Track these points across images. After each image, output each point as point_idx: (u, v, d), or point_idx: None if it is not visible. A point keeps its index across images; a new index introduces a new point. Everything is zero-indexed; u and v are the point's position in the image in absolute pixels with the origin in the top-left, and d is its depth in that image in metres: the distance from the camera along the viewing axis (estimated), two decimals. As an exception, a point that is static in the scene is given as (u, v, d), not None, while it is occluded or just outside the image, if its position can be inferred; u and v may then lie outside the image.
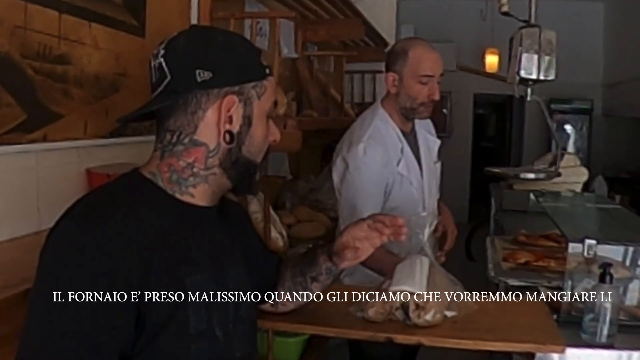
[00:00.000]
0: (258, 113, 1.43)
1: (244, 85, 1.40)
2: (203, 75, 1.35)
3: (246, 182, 1.49)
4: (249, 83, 1.41)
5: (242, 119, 1.41)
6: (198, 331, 1.33)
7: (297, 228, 3.49)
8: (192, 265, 1.35)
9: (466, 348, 1.99)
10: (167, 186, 1.39)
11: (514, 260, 2.98)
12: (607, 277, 2.02)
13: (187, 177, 1.40)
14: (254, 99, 1.42)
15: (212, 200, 1.46)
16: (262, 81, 1.44)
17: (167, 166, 1.40)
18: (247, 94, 1.41)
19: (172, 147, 1.39)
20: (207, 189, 1.43)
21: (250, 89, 1.41)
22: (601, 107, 10.94)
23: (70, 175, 2.14)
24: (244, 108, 1.41)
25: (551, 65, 2.53)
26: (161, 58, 1.37)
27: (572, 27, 9.32)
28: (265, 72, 1.45)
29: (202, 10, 2.68)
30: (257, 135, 1.45)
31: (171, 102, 1.37)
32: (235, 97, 1.38)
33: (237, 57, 1.41)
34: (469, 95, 11.70)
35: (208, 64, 1.36)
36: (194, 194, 1.41)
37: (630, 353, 2.03)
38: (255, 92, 1.42)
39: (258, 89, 1.43)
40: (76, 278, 1.18)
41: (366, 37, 4.97)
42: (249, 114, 1.42)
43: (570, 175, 4.55)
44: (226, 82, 1.38)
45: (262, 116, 1.45)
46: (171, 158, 1.40)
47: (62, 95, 2.03)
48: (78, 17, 2.08)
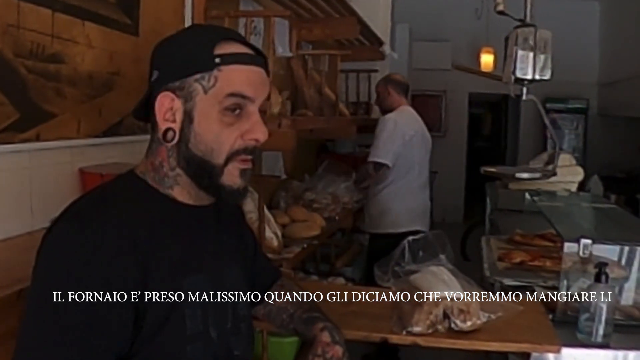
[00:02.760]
0: (204, 107, 1.34)
1: (186, 80, 1.33)
2: (154, 75, 1.36)
3: (205, 184, 1.39)
4: (191, 77, 1.33)
5: (183, 115, 1.35)
6: (193, 332, 1.32)
7: (292, 228, 3.48)
8: (189, 266, 1.35)
9: (462, 348, 1.99)
10: (155, 185, 1.39)
11: (509, 260, 2.97)
12: (602, 277, 2.02)
13: (163, 177, 1.39)
14: (196, 93, 1.33)
15: (198, 200, 1.43)
16: (211, 72, 1.33)
17: (150, 165, 1.40)
18: (189, 89, 1.34)
19: (150, 145, 1.42)
20: (182, 190, 1.40)
21: (193, 82, 1.33)
22: (597, 106, 10.98)
23: (63, 175, 2.13)
24: (185, 104, 1.34)
25: (547, 64, 2.53)
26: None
27: (568, 27, 9.33)
28: (215, 62, 1.33)
29: (196, 9, 2.68)
30: (204, 131, 1.35)
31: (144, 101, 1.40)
32: (171, 94, 1.34)
33: (180, 52, 1.36)
34: (464, 95, 11.71)
35: (157, 62, 1.38)
36: (175, 195, 1.40)
37: (626, 353, 2.03)
38: (200, 86, 1.33)
39: (204, 81, 1.33)
40: (73, 280, 1.17)
41: (361, 36, 4.96)
42: (190, 109, 1.34)
43: (565, 174, 4.55)
44: (168, 79, 1.35)
45: (212, 110, 1.34)
46: (150, 157, 1.41)
47: (55, 94, 2.02)
48: (71, 16, 2.07)
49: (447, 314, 2.00)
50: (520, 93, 2.66)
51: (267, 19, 3.24)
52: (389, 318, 2.09)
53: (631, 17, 9.26)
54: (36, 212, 1.98)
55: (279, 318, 1.81)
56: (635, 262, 2.21)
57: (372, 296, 2.13)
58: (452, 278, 2.14)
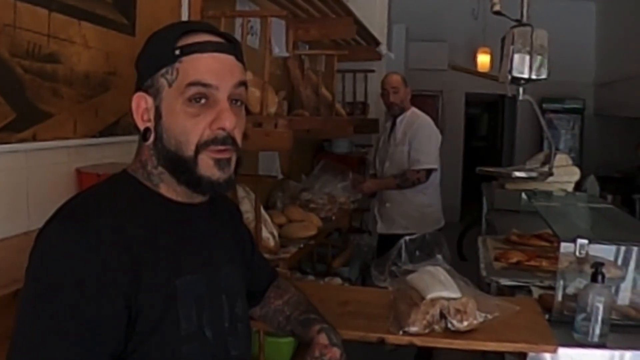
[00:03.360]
0: (170, 101, 1.33)
1: (154, 76, 1.33)
2: (135, 77, 1.37)
3: (185, 179, 1.36)
4: (158, 72, 1.33)
5: (155, 112, 1.35)
6: (188, 332, 1.31)
7: (288, 228, 3.48)
8: (183, 265, 1.34)
9: (458, 348, 1.99)
10: (146, 183, 1.39)
11: (506, 260, 2.98)
12: (599, 277, 2.02)
13: (149, 176, 1.39)
14: (163, 87, 1.33)
15: (187, 197, 1.41)
16: (173, 65, 1.32)
17: (139, 163, 1.40)
18: (157, 85, 1.33)
19: (137, 145, 1.42)
20: (168, 187, 1.39)
21: (160, 77, 1.33)
22: (593, 106, 10.98)
23: (60, 175, 2.12)
24: (155, 100, 1.34)
25: (543, 64, 2.53)
26: None
27: (564, 27, 9.33)
28: (175, 54, 1.32)
29: (192, 9, 2.67)
30: (172, 124, 1.33)
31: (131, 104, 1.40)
32: (143, 93, 1.35)
33: (150, 50, 1.37)
34: (461, 95, 11.72)
35: (137, 64, 1.39)
36: (163, 193, 1.39)
37: (623, 352, 2.03)
38: (165, 80, 1.33)
39: (168, 75, 1.32)
40: (66, 281, 1.16)
41: (358, 36, 4.96)
42: (158, 104, 1.34)
43: (562, 174, 4.56)
44: (142, 78, 1.36)
45: (177, 102, 1.32)
46: (139, 156, 1.41)
47: (51, 94, 2.02)
48: (68, 16, 2.07)
49: (443, 314, 2.00)
50: (517, 93, 2.67)
51: (263, 19, 3.24)
52: (386, 318, 2.09)
53: (627, 17, 9.27)
54: (33, 212, 1.97)
55: (276, 320, 1.81)
56: (632, 262, 2.21)
57: (369, 296, 2.12)
58: (448, 278, 2.14)
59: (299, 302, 1.82)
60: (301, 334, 1.72)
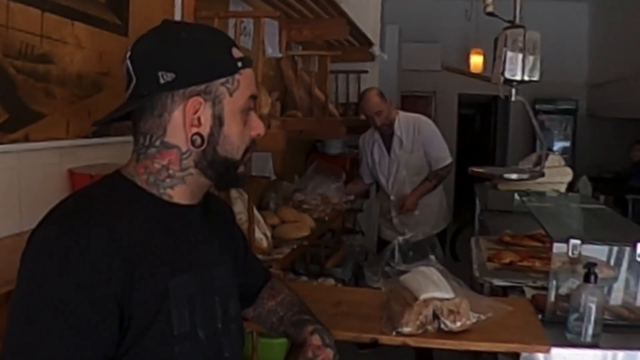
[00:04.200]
0: (231, 110, 1.37)
1: (211, 83, 1.35)
2: (166, 77, 1.32)
3: (227, 179, 1.44)
4: (217, 80, 1.35)
5: (212, 119, 1.36)
6: (181, 333, 1.31)
7: (281, 229, 3.48)
8: (176, 266, 1.34)
9: (452, 349, 2.00)
10: (145, 187, 1.37)
11: (498, 261, 2.98)
12: (591, 277, 2.03)
13: (164, 179, 1.38)
14: (224, 96, 1.36)
15: (193, 199, 1.44)
16: (234, 75, 1.38)
17: (143, 168, 1.38)
18: (216, 92, 1.35)
19: (145, 150, 1.38)
20: (186, 189, 1.40)
21: (219, 86, 1.36)
22: (585, 107, 11.02)
23: (52, 176, 2.12)
24: (213, 107, 1.36)
25: (535, 65, 2.53)
26: (128, 60, 1.36)
27: (557, 28, 9.37)
28: (237, 66, 1.38)
29: (186, 9, 2.67)
30: (231, 133, 1.39)
31: (139, 106, 1.35)
32: (201, 98, 1.34)
33: (201, 54, 1.36)
34: (454, 95, 11.73)
35: (170, 64, 1.32)
36: (172, 195, 1.39)
37: (615, 352, 2.04)
38: (225, 89, 1.36)
39: (229, 84, 1.36)
40: (58, 283, 1.16)
41: (351, 37, 4.96)
42: (220, 113, 1.36)
43: (554, 175, 4.57)
44: (190, 82, 1.33)
45: (237, 112, 1.39)
46: (146, 160, 1.38)
47: (44, 94, 2.01)
48: (61, 16, 2.06)
49: (436, 314, 2.00)
50: (509, 94, 2.67)
51: (256, 20, 3.24)
52: (379, 319, 2.09)
53: (619, 18, 9.31)
54: (25, 213, 1.97)
55: (269, 321, 1.81)
56: (624, 262, 2.22)
57: (362, 297, 2.13)
58: (441, 278, 2.15)
59: (293, 303, 1.83)
60: (294, 334, 1.72)
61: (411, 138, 4.74)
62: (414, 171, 4.79)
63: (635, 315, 2.22)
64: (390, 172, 4.88)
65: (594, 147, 10.62)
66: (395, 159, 4.82)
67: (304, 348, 1.64)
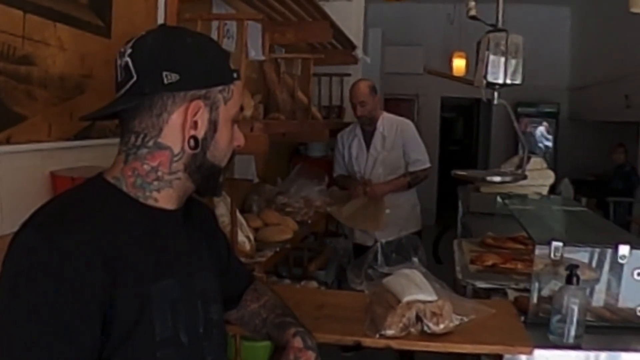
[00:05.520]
0: (224, 118, 1.41)
1: (211, 90, 1.38)
2: (170, 78, 1.33)
3: (210, 186, 1.47)
4: (216, 87, 1.39)
5: (208, 124, 1.39)
6: (163, 338, 1.31)
7: (264, 232, 3.48)
8: (158, 271, 1.33)
9: (435, 351, 2.00)
10: (130, 191, 1.37)
11: (481, 263, 3.00)
12: (573, 279, 2.04)
13: (152, 182, 1.38)
14: (220, 103, 1.40)
15: (177, 204, 1.44)
16: (230, 85, 1.42)
17: (131, 170, 1.37)
18: (214, 99, 1.39)
19: (136, 150, 1.37)
20: (172, 194, 1.41)
21: (217, 93, 1.39)
22: (567, 110, 11.10)
23: (34, 179, 2.10)
24: (210, 113, 1.39)
25: (518, 69, 2.54)
26: (128, 57, 1.35)
27: (539, 32, 9.45)
28: (233, 76, 1.43)
29: (169, 12, 2.66)
30: (222, 140, 1.43)
31: (137, 103, 1.35)
32: (201, 102, 1.36)
33: (205, 60, 1.39)
34: (437, 99, 11.80)
35: (175, 65, 1.34)
36: (157, 199, 1.39)
37: (598, 353, 2.05)
38: (222, 97, 1.40)
39: (225, 93, 1.41)
40: (40, 288, 1.16)
41: (334, 40, 4.97)
42: (215, 119, 1.40)
43: (536, 178, 4.59)
44: (193, 85, 1.36)
45: (228, 121, 1.43)
46: (135, 162, 1.37)
47: (25, 96, 2.00)
48: (43, 17, 2.05)
49: (419, 316, 2.01)
50: (492, 97, 2.68)
51: (239, 23, 3.23)
52: (362, 321, 2.09)
53: (601, 22, 9.39)
54: (6, 216, 1.95)
55: (252, 323, 1.81)
56: (606, 264, 2.23)
57: (345, 300, 2.13)
58: (424, 281, 2.15)
59: (275, 306, 1.82)
60: (276, 337, 1.72)
61: (392, 136, 4.77)
62: (389, 169, 4.80)
63: (617, 316, 2.24)
64: (366, 168, 4.86)
65: (576, 150, 10.70)
66: (373, 155, 4.83)
67: (286, 350, 1.64)
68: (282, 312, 1.79)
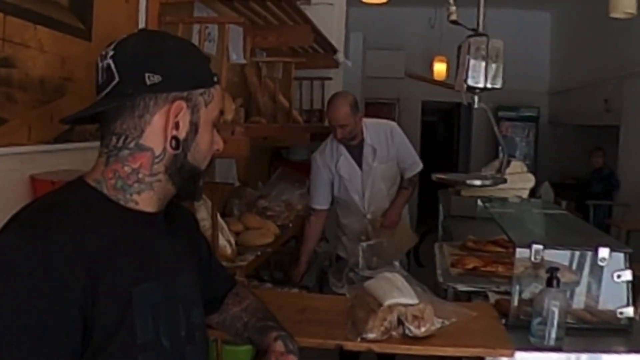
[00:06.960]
0: (204, 120, 1.42)
1: (193, 92, 1.39)
2: (152, 79, 1.33)
3: (190, 189, 1.48)
4: (197, 89, 1.40)
5: (189, 125, 1.40)
6: (145, 341, 1.30)
7: (245, 235, 3.47)
8: (139, 274, 1.33)
9: (417, 354, 2.00)
10: (111, 193, 1.36)
11: (462, 266, 3.01)
12: (554, 281, 2.06)
13: (132, 184, 1.37)
14: (201, 106, 1.41)
15: (158, 207, 1.44)
16: (210, 89, 1.44)
17: (112, 172, 1.37)
18: (195, 101, 1.40)
19: (117, 152, 1.37)
20: (152, 196, 1.40)
21: (199, 95, 1.40)
22: (547, 114, 11.18)
23: (13, 182, 2.08)
24: (191, 115, 1.39)
25: (498, 73, 2.55)
26: (110, 59, 1.35)
27: (520, 36, 9.50)
28: (214, 80, 1.45)
29: (150, 15, 2.65)
30: (202, 142, 1.44)
31: (118, 105, 1.34)
32: (183, 103, 1.37)
33: (187, 63, 1.40)
34: (417, 103, 11.83)
35: (158, 67, 1.34)
36: (138, 201, 1.38)
37: (578, 355, 2.06)
38: (202, 99, 1.41)
39: (206, 96, 1.42)
40: (20, 291, 1.15)
41: (315, 43, 4.96)
42: (196, 120, 1.41)
43: (517, 181, 4.62)
44: (175, 87, 1.36)
45: (208, 124, 1.44)
46: (116, 164, 1.37)
47: (5, 99, 1.98)
48: (23, 19, 2.04)
49: (401, 320, 2.01)
50: (472, 101, 2.69)
51: (221, 26, 3.23)
52: (344, 325, 2.10)
53: (581, 27, 9.47)
54: (-15, 219, 1.94)
55: (234, 327, 1.81)
56: (586, 266, 2.24)
57: (326, 303, 2.13)
58: (406, 284, 2.16)
59: (257, 309, 1.82)
60: (258, 341, 1.72)
61: (384, 146, 4.23)
62: (391, 182, 4.33)
63: (598, 318, 2.25)
64: (365, 187, 4.24)
65: (556, 154, 10.78)
66: (369, 172, 4.21)
67: (267, 354, 1.64)
68: (264, 316, 1.79)
